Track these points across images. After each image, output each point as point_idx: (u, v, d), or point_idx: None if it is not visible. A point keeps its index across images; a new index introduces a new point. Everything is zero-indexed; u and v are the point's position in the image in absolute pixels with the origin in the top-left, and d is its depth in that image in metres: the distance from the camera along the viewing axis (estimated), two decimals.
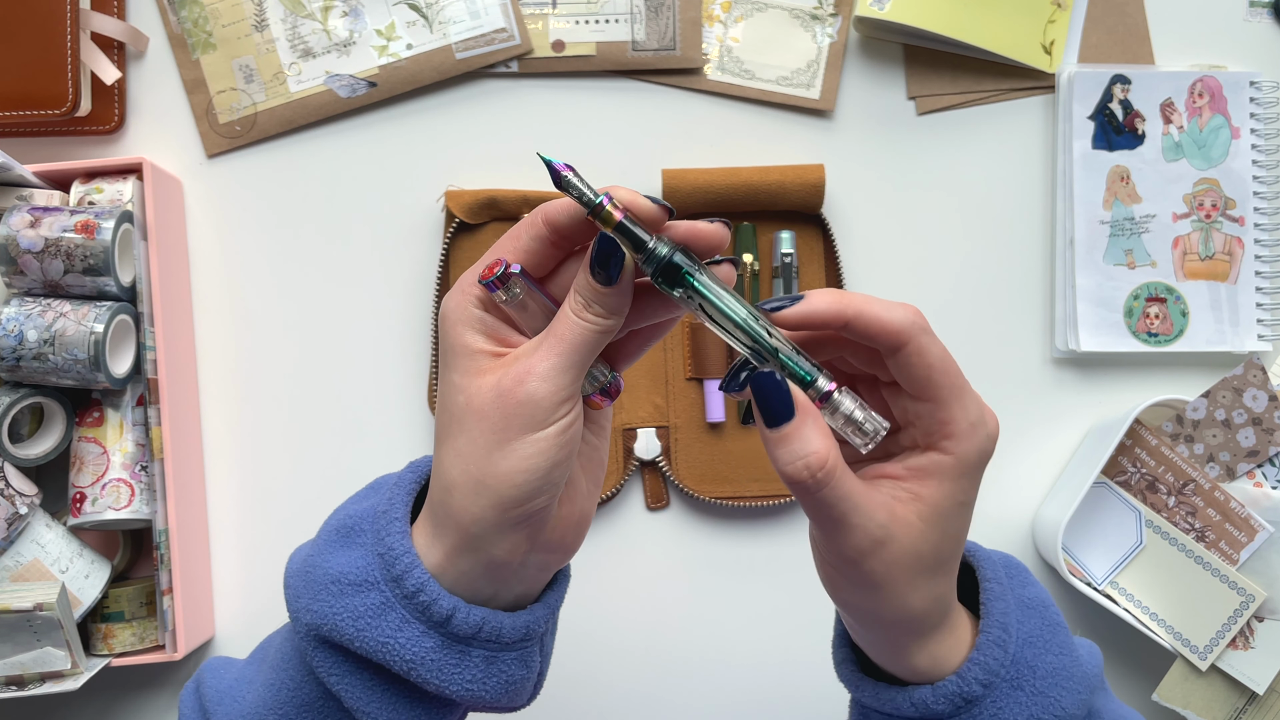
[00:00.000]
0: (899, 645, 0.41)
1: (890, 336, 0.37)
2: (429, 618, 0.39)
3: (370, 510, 0.42)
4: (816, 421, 0.37)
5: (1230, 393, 0.70)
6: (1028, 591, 0.44)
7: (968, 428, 0.38)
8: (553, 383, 0.38)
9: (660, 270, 0.38)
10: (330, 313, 0.75)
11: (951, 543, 0.40)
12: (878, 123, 0.76)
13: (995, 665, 0.41)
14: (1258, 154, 0.74)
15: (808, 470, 0.36)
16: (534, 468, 0.38)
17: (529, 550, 0.40)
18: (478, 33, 0.74)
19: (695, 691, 0.74)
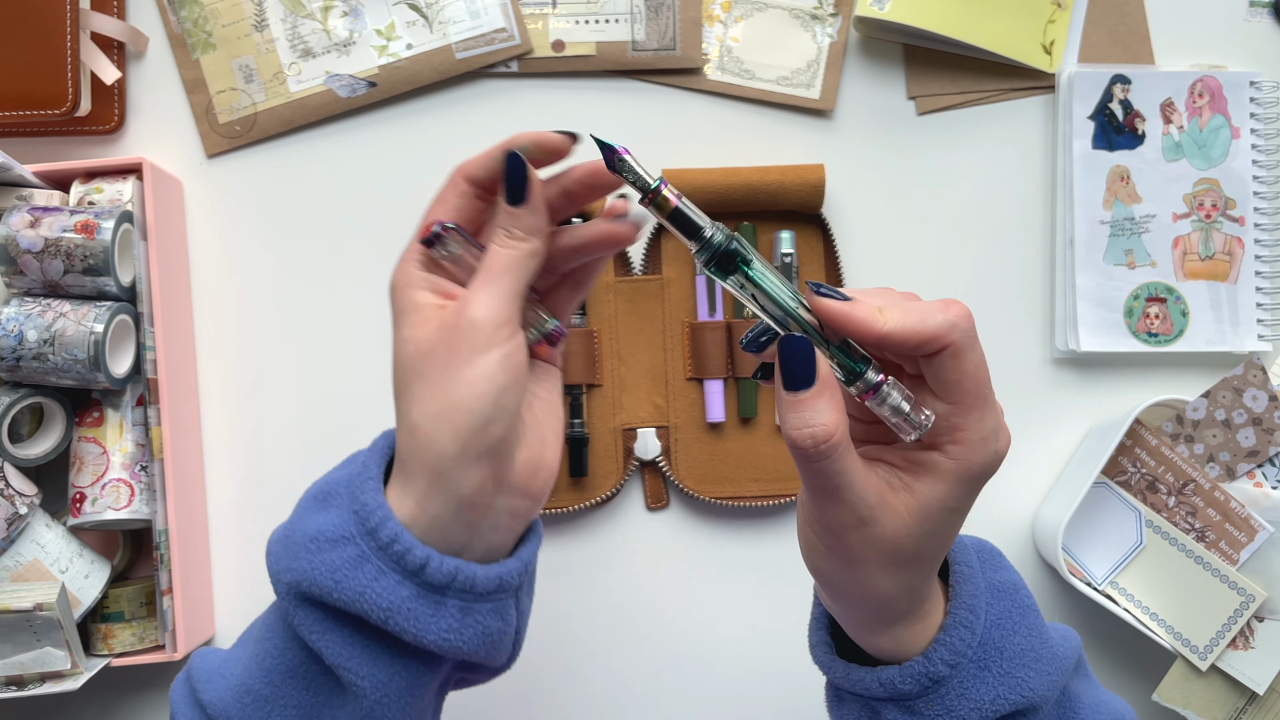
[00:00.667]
0: (865, 624, 0.42)
1: (926, 344, 0.38)
2: (404, 567, 0.40)
3: (345, 476, 0.44)
4: (834, 395, 0.38)
5: (1230, 393, 0.70)
6: (999, 575, 0.45)
7: (979, 440, 0.38)
8: (488, 308, 0.40)
9: (716, 258, 0.39)
10: (330, 312, 0.75)
11: (934, 542, 0.40)
12: (878, 123, 0.76)
13: (962, 646, 0.41)
14: (1258, 154, 0.74)
15: (813, 440, 0.37)
16: (485, 392, 0.40)
17: (495, 491, 0.42)
18: (478, 33, 0.74)
19: (695, 691, 0.74)
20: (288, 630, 0.43)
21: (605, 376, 0.73)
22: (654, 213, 0.39)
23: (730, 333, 0.72)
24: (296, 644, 0.43)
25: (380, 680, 0.42)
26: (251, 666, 0.44)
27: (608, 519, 0.74)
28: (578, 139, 0.43)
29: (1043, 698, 0.42)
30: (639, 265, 0.74)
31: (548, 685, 0.74)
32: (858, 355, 0.39)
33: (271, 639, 0.44)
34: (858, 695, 0.44)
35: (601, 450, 0.73)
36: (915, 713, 0.42)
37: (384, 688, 0.42)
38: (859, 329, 0.38)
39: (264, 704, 0.43)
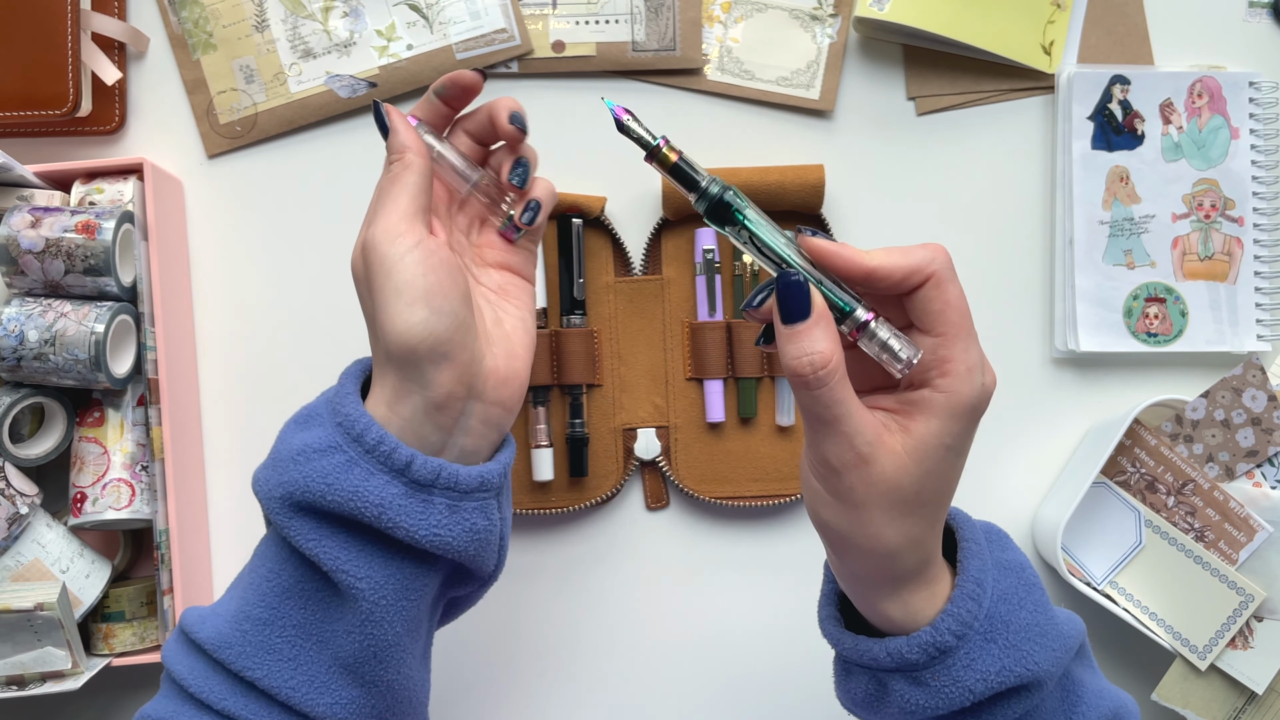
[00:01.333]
0: (874, 585, 0.43)
1: (911, 276, 0.40)
2: (391, 465, 0.43)
3: (323, 399, 0.47)
4: (829, 326, 0.40)
5: (1229, 393, 0.70)
6: (1006, 554, 0.45)
7: (965, 370, 0.40)
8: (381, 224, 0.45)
9: (712, 208, 0.42)
10: (330, 312, 0.75)
11: (934, 483, 0.41)
12: (877, 123, 0.76)
13: (969, 618, 0.42)
14: (1257, 154, 0.74)
15: (811, 366, 0.39)
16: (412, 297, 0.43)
17: (466, 396, 0.45)
18: (478, 33, 0.74)
19: (695, 690, 0.74)
20: (279, 553, 0.45)
21: (605, 376, 0.73)
22: (657, 168, 0.42)
23: (730, 333, 0.73)
24: (290, 563, 0.45)
25: (377, 581, 0.44)
26: (248, 594, 0.45)
27: (608, 519, 0.74)
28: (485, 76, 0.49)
29: (1047, 673, 0.43)
30: (639, 265, 0.74)
31: (548, 685, 0.74)
32: (847, 296, 0.41)
33: (264, 565, 0.46)
34: (865, 667, 0.44)
35: (601, 450, 0.73)
36: (922, 683, 0.42)
37: (381, 589, 0.44)
38: (847, 265, 0.41)
39: (263, 627, 0.44)
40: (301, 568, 0.45)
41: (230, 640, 0.44)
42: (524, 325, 0.50)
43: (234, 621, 0.45)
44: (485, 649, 0.74)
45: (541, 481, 0.72)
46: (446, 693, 0.73)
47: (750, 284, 0.73)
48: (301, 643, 0.44)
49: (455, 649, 0.73)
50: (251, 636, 0.44)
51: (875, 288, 0.41)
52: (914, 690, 0.42)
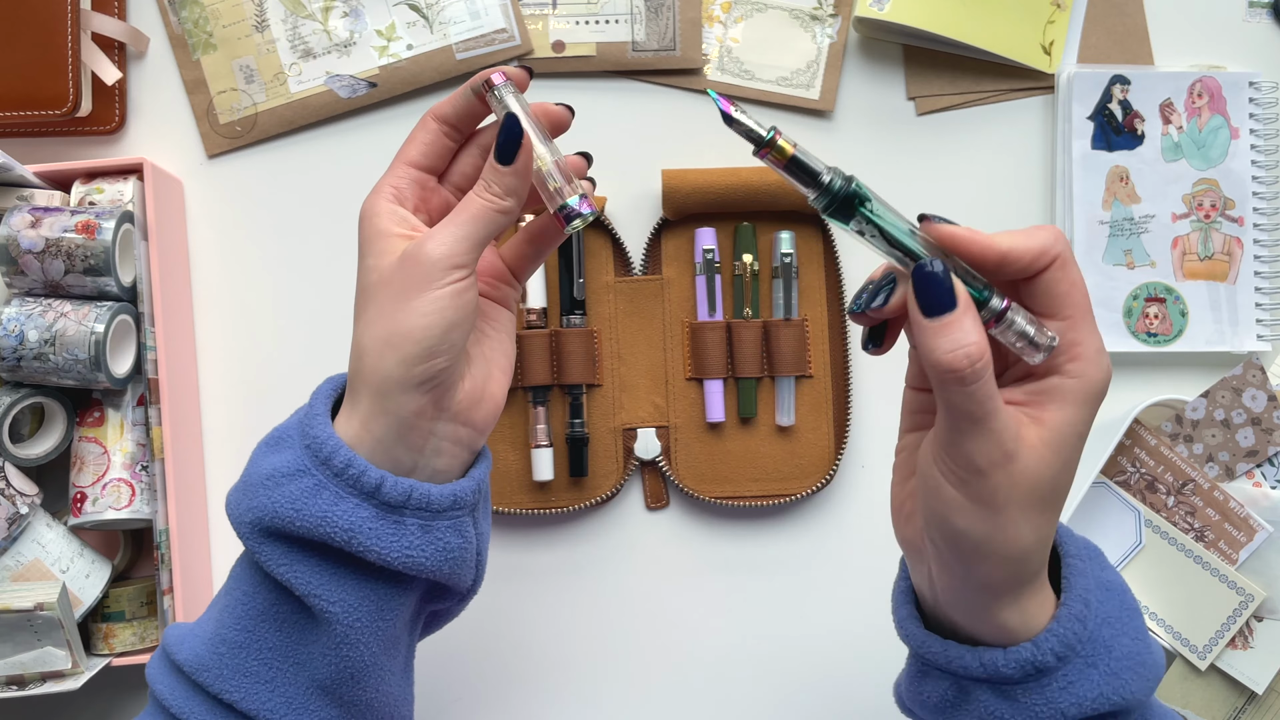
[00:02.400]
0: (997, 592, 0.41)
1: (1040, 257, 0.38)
2: (360, 488, 0.42)
3: (293, 420, 0.46)
4: (975, 315, 0.38)
5: (1229, 393, 0.70)
6: (1106, 574, 0.44)
7: (1094, 353, 0.39)
8: (449, 246, 0.43)
9: (837, 202, 0.38)
10: (330, 312, 0.75)
11: (1067, 475, 0.40)
12: (877, 123, 0.76)
13: (1072, 639, 0.41)
14: (1257, 154, 0.74)
15: (968, 359, 0.36)
16: (432, 325, 0.42)
17: (435, 415, 0.44)
18: (478, 33, 0.74)
19: (695, 690, 0.74)
20: (253, 576, 0.45)
21: (605, 376, 0.73)
22: (771, 164, 0.38)
23: (730, 333, 0.73)
24: (264, 587, 0.44)
25: (350, 604, 0.43)
26: (223, 617, 0.45)
27: (608, 519, 0.74)
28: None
29: (1138, 703, 0.42)
30: (639, 265, 0.74)
31: (547, 685, 0.74)
32: (980, 284, 0.39)
33: (239, 587, 0.45)
34: (949, 672, 0.43)
35: (601, 450, 0.73)
36: (1011, 698, 0.41)
37: (354, 612, 0.43)
38: (981, 250, 0.39)
39: (239, 650, 0.44)
40: (275, 591, 0.44)
41: (208, 663, 0.44)
42: (503, 349, 0.49)
43: (210, 644, 0.44)
44: (484, 649, 0.74)
45: (541, 481, 0.72)
46: (445, 692, 0.73)
47: (750, 284, 0.73)
48: (278, 665, 0.44)
49: (454, 648, 0.73)
50: (228, 660, 0.44)
51: (1005, 272, 0.39)
52: (1000, 704, 0.41)
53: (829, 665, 0.75)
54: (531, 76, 0.47)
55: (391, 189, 0.46)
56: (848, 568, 0.74)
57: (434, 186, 0.48)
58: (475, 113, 0.47)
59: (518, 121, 0.44)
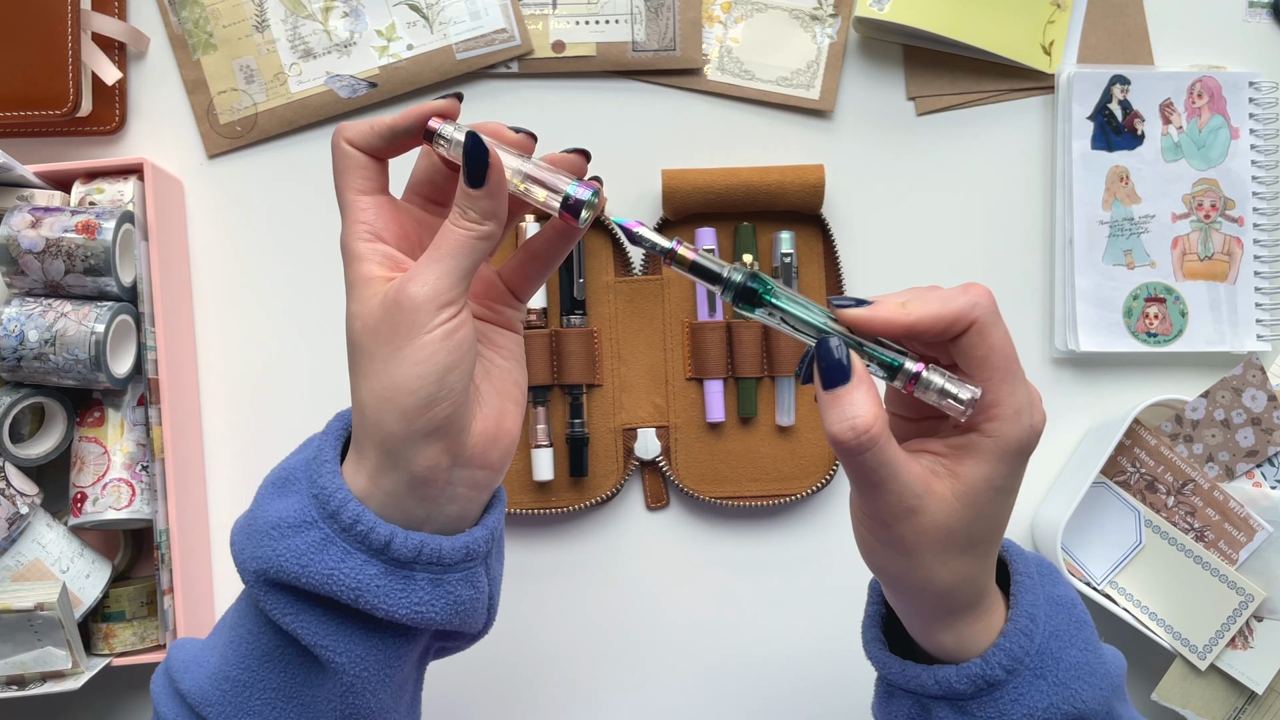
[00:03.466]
0: (928, 618, 0.43)
1: (952, 325, 0.39)
2: (368, 545, 0.41)
3: (301, 461, 0.44)
4: (869, 390, 0.39)
5: (1229, 393, 0.70)
6: (1058, 589, 0.45)
7: (1012, 413, 0.39)
8: (432, 285, 0.40)
9: (739, 295, 0.41)
10: (330, 312, 0.75)
11: (985, 525, 0.41)
12: (877, 123, 0.76)
13: (1020, 653, 0.42)
14: (1257, 154, 0.74)
15: (853, 432, 0.38)
16: (426, 373, 0.40)
17: (450, 465, 0.42)
18: (478, 33, 0.74)
19: (695, 690, 0.74)
20: (259, 616, 0.43)
21: (605, 376, 0.73)
22: (677, 270, 0.42)
23: (730, 333, 0.73)
24: (269, 629, 0.43)
25: (358, 655, 0.42)
26: (228, 653, 0.44)
27: (608, 519, 0.74)
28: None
29: (1092, 712, 0.43)
30: (639, 265, 0.74)
31: (547, 685, 0.74)
32: (894, 351, 0.40)
33: (244, 624, 0.44)
34: (910, 692, 0.44)
35: (601, 450, 0.73)
36: (967, 713, 0.42)
37: (362, 662, 0.42)
38: (886, 326, 0.39)
39: (243, 689, 0.43)
40: (280, 634, 0.43)
41: (211, 699, 0.43)
42: (514, 379, 0.46)
43: (214, 680, 0.44)
44: (484, 648, 0.74)
45: (541, 481, 0.72)
46: (444, 692, 0.73)
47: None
48: (282, 705, 0.43)
49: None
50: (231, 697, 0.43)
51: (918, 342, 0.41)
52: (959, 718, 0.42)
53: (829, 665, 0.75)
54: (460, 100, 0.44)
55: (364, 227, 0.43)
56: (847, 568, 0.74)
57: (397, 206, 0.45)
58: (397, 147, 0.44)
59: (479, 141, 0.41)
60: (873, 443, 0.38)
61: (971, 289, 0.39)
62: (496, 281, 0.48)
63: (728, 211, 0.73)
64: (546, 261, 0.47)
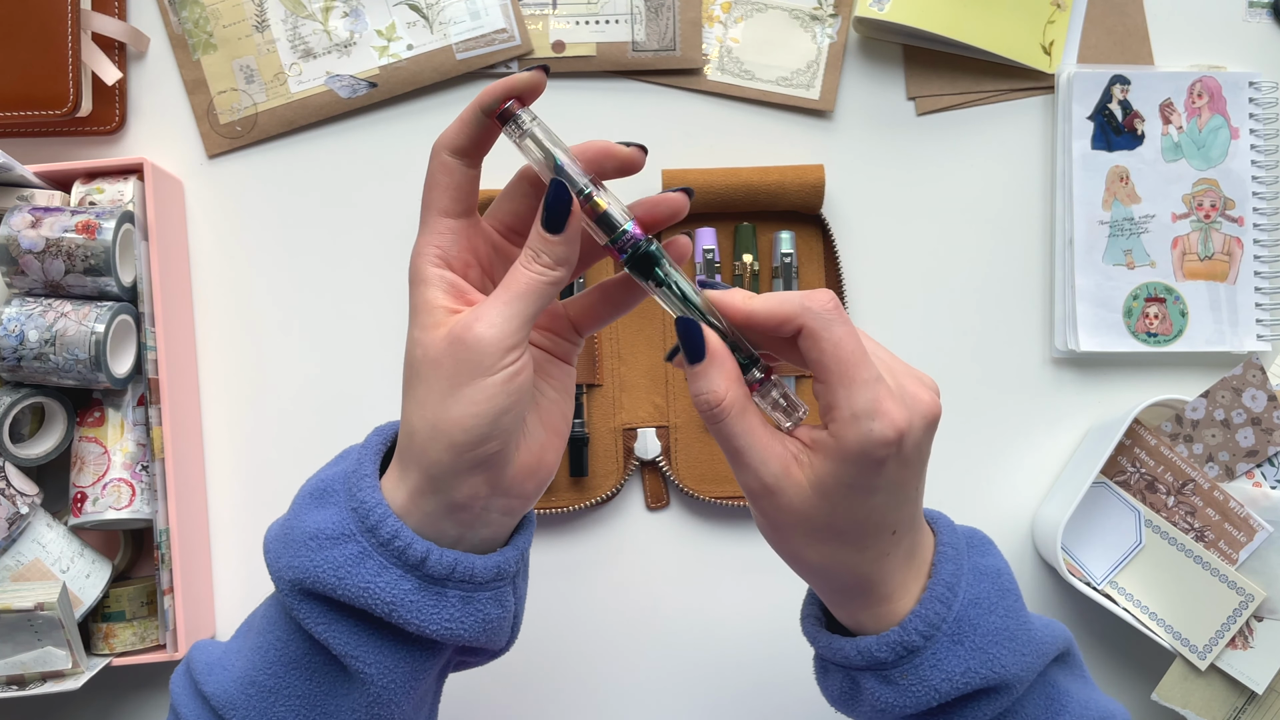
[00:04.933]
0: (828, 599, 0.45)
1: (783, 324, 0.41)
2: (404, 561, 0.42)
3: (341, 473, 0.44)
4: (723, 366, 0.41)
5: (1229, 393, 0.70)
6: (985, 560, 0.46)
7: (849, 417, 0.40)
8: (499, 328, 0.40)
9: (638, 259, 0.42)
10: (331, 312, 0.75)
11: (846, 518, 0.42)
12: (877, 123, 0.76)
13: (936, 619, 0.43)
14: (1257, 154, 0.74)
15: (707, 404, 0.41)
16: (482, 413, 0.40)
17: (489, 494, 0.43)
18: (478, 33, 0.74)
19: (695, 690, 0.74)
20: (289, 623, 0.44)
21: (605, 376, 0.73)
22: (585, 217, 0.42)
23: None
24: (299, 636, 0.44)
25: (386, 667, 0.43)
26: (255, 658, 0.44)
27: (608, 519, 0.75)
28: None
29: (1015, 677, 0.44)
30: None
31: (547, 685, 0.74)
32: (748, 354, 0.43)
33: (273, 631, 0.45)
34: (839, 665, 0.46)
35: (601, 450, 0.73)
36: (891, 681, 0.43)
37: (390, 674, 0.43)
38: (731, 311, 0.42)
39: (268, 695, 0.44)
40: (309, 642, 0.44)
41: (236, 702, 0.44)
42: (561, 412, 0.46)
43: (240, 685, 0.44)
44: None
45: None
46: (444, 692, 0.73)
47: (750, 284, 0.73)
48: (306, 714, 0.44)
49: None
50: (256, 702, 0.44)
51: (755, 334, 0.42)
52: (884, 688, 0.44)
53: None
54: (548, 74, 0.43)
55: (435, 251, 0.43)
56: None
57: (477, 229, 0.45)
58: (490, 133, 0.43)
59: (563, 189, 0.41)
60: (725, 414, 0.41)
61: (813, 294, 0.41)
62: (562, 314, 0.47)
63: (728, 211, 0.73)
64: (618, 305, 0.47)
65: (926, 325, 0.75)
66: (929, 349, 0.75)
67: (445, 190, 0.43)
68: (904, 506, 0.42)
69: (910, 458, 0.41)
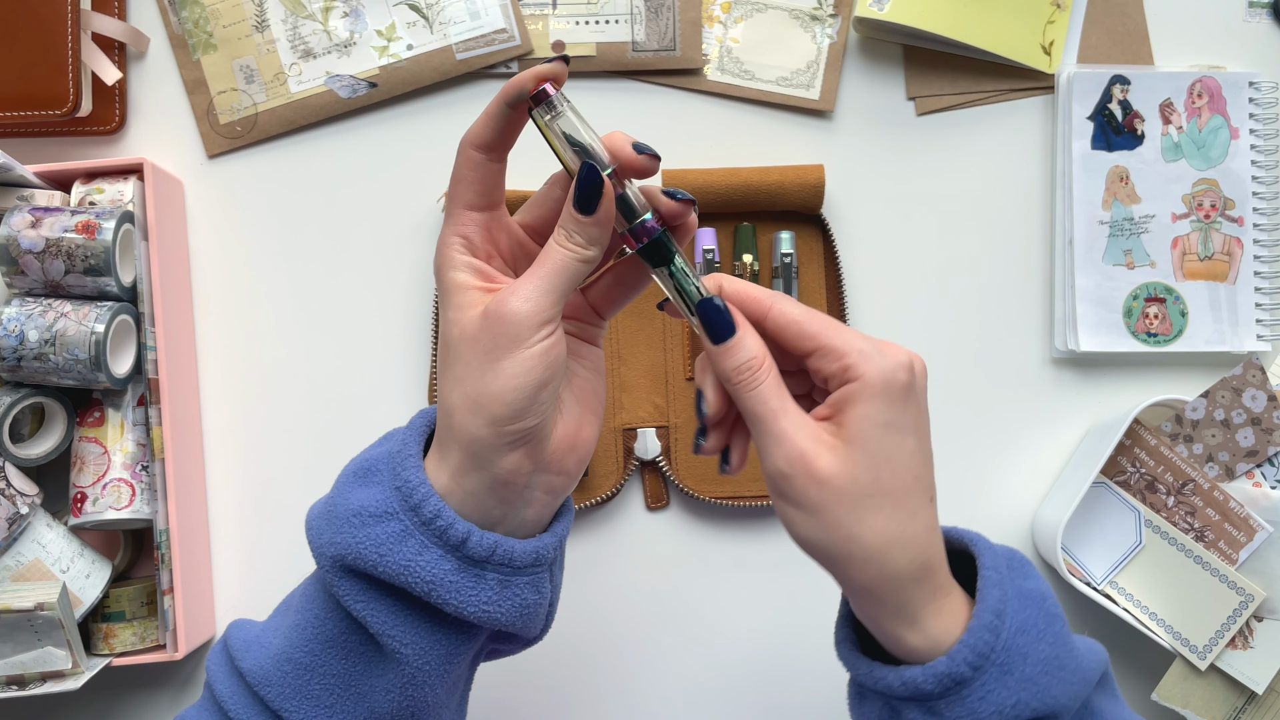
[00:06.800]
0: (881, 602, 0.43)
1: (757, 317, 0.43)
2: (446, 541, 0.42)
3: (385, 453, 0.45)
4: (751, 331, 0.43)
5: (1229, 393, 0.70)
6: (1028, 583, 0.45)
7: (858, 354, 0.41)
8: (534, 302, 0.41)
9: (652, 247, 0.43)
10: (330, 312, 0.75)
11: (890, 468, 0.41)
12: (877, 123, 0.76)
13: (985, 649, 0.41)
14: (1257, 154, 0.74)
15: (750, 369, 0.42)
16: (521, 386, 0.41)
17: (532, 470, 0.43)
18: (478, 33, 0.74)
19: (695, 691, 0.74)
20: (328, 601, 0.45)
21: (606, 376, 0.73)
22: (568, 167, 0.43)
23: None
24: (336, 614, 0.44)
25: (422, 648, 0.43)
26: (292, 636, 0.45)
27: (608, 519, 0.75)
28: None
29: (1064, 707, 0.42)
30: None
31: (547, 685, 0.74)
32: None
33: (311, 609, 0.45)
34: (880, 693, 0.44)
35: (601, 450, 0.73)
36: (936, 713, 0.42)
37: (425, 655, 0.43)
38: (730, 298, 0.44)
39: (304, 672, 0.44)
40: (347, 620, 0.45)
41: (271, 679, 0.44)
42: (594, 389, 0.47)
43: (276, 661, 0.45)
44: None
45: None
46: None
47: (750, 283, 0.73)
48: (340, 693, 0.44)
49: None
50: (292, 679, 0.44)
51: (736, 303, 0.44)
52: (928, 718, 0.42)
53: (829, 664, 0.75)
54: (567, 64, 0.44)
55: (460, 239, 0.44)
56: None
57: (501, 224, 0.45)
58: (514, 126, 0.43)
59: (596, 172, 0.42)
60: (765, 375, 0.42)
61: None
62: (583, 301, 0.49)
63: (728, 211, 0.73)
64: (632, 287, 0.48)
65: (926, 325, 0.75)
66: (929, 349, 0.75)
67: (470, 184, 0.44)
68: (929, 467, 0.43)
69: (921, 400, 0.42)
